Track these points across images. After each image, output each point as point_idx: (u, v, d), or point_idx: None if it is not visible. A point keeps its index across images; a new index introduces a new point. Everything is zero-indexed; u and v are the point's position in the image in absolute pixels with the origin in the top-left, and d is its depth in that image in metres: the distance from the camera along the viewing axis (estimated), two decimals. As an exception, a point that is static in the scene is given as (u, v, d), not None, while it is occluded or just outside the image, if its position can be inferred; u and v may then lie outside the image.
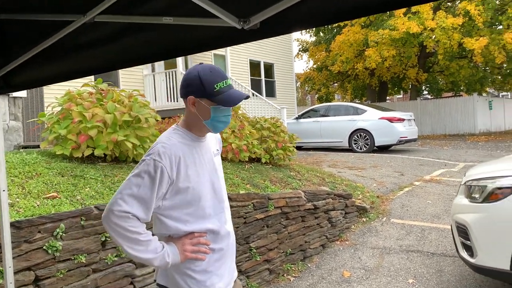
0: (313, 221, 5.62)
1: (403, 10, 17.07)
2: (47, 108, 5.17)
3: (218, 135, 2.04)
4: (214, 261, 1.83)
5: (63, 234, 3.17)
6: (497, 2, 18.50)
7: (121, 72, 12.49)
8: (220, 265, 1.85)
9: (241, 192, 4.91)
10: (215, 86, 1.70)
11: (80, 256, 3.23)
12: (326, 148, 14.09)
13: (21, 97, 5.70)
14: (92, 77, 8.93)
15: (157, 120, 5.22)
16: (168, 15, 1.70)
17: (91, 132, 4.41)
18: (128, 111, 4.72)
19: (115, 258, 3.45)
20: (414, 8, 17.01)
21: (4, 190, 2.44)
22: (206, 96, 1.71)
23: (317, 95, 27.62)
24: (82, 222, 3.31)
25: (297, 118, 14.65)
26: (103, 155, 4.74)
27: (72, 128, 4.53)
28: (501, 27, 18.09)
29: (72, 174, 4.24)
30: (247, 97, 1.76)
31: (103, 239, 3.41)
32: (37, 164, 4.29)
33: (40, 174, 4.07)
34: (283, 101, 18.33)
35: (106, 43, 2.00)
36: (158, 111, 12.25)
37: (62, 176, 4.15)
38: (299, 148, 14.22)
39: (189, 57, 14.61)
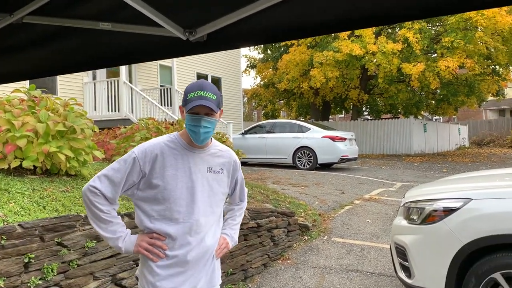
0: (256, 239, 5.52)
1: (348, 33, 17.70)
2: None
3: (235, 159, 2.18)
4: (166, 266, 1.95)
5: (-21, 256, 2.85)
6: (432, 32, 19.72)
7: (60, 79, 11.88)
8: (175, 273, 1.96)
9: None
10: (188, 95, 1.88)
11: (-2, 280, 2.91)
12: (271, 164, 14.15)
13: None
14: (26, 83, 8.38)
15: (94, 131, 4.92)
16: (106, 21, 1.56)
17: (20, 142, 4.06)
18: (63, 121, 4.41)
19: (39, 282, 3.15)
20: (357, 32, 17.70)
21: None
22: (184, 105, 1.94)
23: (263, 111, 27.86)
24: (2, 242, 3.00)
25: (243, 134, 14.63)
26: (32, 167, 4.38)
27: (-2, 137, 4.15)
28: (435, 55, 19.26)
29: (-5, 187, 3.87)
30: (207, 107, 1.85)
31: (26, 260, 3.10)
32: (-46, 176, 3.87)
33: (-43, 186, 3.67)
34: (230, 116, 18.27)
35: (38, 46, 1.82)
36: (98, 121, 11.77)
37: (-17, 190, 3.77)
38: (244, 163, 14.18)
39: (133, 66, 14.21)
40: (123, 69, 11.80)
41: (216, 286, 2.13)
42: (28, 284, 3.08)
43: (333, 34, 19.18)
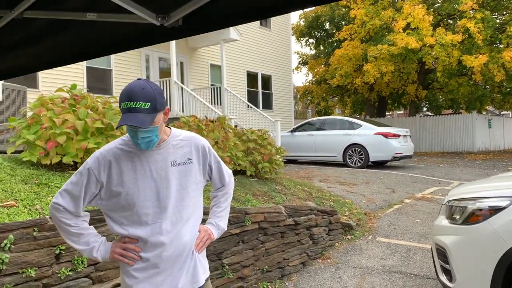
0: (293, 237, 5.41)
1: (403, 25, 16.99)
2: (21, 112, 5.02)
3: (203, 144, 2.05)
4: (142, 269, 1.91)
5: (12, 246, 2.98)
6: (497, 20, 18.44)
7: (115, 79, 12.39)
8: (152, 274, 1.91)
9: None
10: (120, 105, 1.77)
11: (30, 270, 3.04)
12: (320, 162, 13.90)
13: (-4, 101, 5.55)
14: (67, 83, 8.81)
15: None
16: (92, 11, 1.54)
17: (60, 139, 4.25)
18: (101, 118, 4.56)
19: (70, 273, 3.25)
20: (413, 24, 16.94)
21: None
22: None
23: (316, 109, 27.50)
24: (34, 233, 3.12)
25: (292, 131, 14.48)
26: (72, 163, 4.56)
27: (41, 134, 4.36)
28: (501, 45, 17.99)
29: (36, 182, 4.06)
30: (133, 126, 1.73)
31: (57, 251, 3.22)
32: (0, 171, 4.12)
33: (1, 181, 3.89)
34: (280, 113, 18.19)
35: (37, 40, 1.85)
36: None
37: (25, 184, 3.97)
38: (293, 161, 14.05)
39: (185, 67, 14.52)
40: (174, 69, 12.08)
41: (200, 282, 2.02)
42: (59, 275, 3.19)
43: (388, 27, 18.53)
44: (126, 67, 12.67)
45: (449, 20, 20.28)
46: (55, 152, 4.38)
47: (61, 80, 10.32)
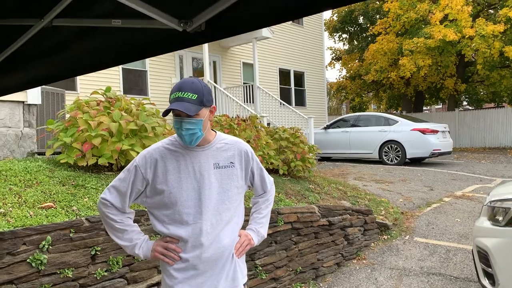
0: (327, 237, 5.33)
1: (440, 17, 16.44)
2: (58, 115, 5.17)
3: (246, 149, 2.08)
4: (182, 269, 1.93)
5: (50, 247, 3.07)
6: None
7: (150, 81, 12.61)
8: (191, 276, 1.93)
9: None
10: (170, 96, 1.86)
11: (67, 270, 3.12)
12: (355, 159, 13.66)
13: (35, 104, 5.74)
14: (104, 85, 8.99)
15: (167, 129, 5.10)
16: (117, 18, 1.54)
17: (95, 141, 4.34)
18: (135, 120, 4.63)
19: (105, 273, 3.32)
20: (451, 16, 16.35)
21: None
22: None
23: (350, 105, 27.07)
24: (71, 235, 3.20)
25: (325, 128, 14.30)
26: (108, 164, 4.66)
27: (77, 136, 4.48)
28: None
29: (73, 183, 4.17)
30: (169, 111, 1.82)
31: (93, 252, 3.29)
32: (39, 173, 4.25)
33: (40, 182, 4.02)
34: (313, 110, 18.01)
35: (64, 48, 1.87)
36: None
37: (63, 185, 4.08)
38: (327, 159, 13.88)
39: (218, 66, 14.61)
40: (207, 68, 12.17)
41: (239, 287, 2.03)
42: (95, 275, 3.26)
43: (424, 20, 17.98)
44: (160, 68, 12.87)
45: (490, 10, 19.47)
46: (91, 154, 4.48)
47: (98, 82, 10.60)
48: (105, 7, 1.59)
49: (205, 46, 11.98)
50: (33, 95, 5.54)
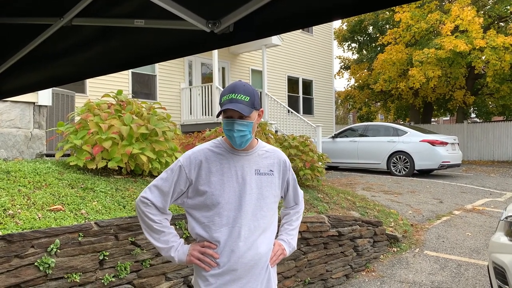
0: (336, 248, 5.24)
1: (451, 28, 16.37)
2: (68, 117, 5.14)
3: (284, 159, 2.11)
4: (218, 275, 1.90)
5: (58, 251, 3.02)
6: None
7: (159, 86, 12.62)
8: (227, 281, 1.90)
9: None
10: (222, 98, 1.86)
11: (74, 275, 3.06)
12: (363, 169, 13.56)
13: (46, 106, 5.73)
14: (113, 88, 8.98)
15: (177, 134, 5.05)
16: (140, 17, 1.50)
17: (106, 144, 4.30)
18: (146, 124, 4.59)
19: (113, 279, 3.26)
20: (462, 27, 16.28)
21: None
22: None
23: (357, 114, 26.96)
24: (79, 239, 3.15)
25: (333, 137, 14.22)
26: (117, 168, 4.61)
27: (88, 139, 4.44)
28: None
29: (82, 186, 4.12)
30: (236, 111, 1.81)
31: (101, 257, 3.23)
32: (48, 175, 4.21)
33: (49, 184, 3.98)
34: (321, 119, 17.94)
35: (84, 48, 1.83)
36: (194, 125, 12.29)
37: (72, 188, 4.04)
38: (334, 168, 13.79)
39: (226, 72, 14.61)
40: (216, 75, 12.15)
41: None
42: (102, 281, 3.20)
43: (434, 31, 17.91)
44: (169, 73, 12.88)
45: (501, 23, 19.37)
46: (101, 157, 4.44)
47: (107, 85, 10.61)
48: (128, 7, 1.55)
49: (215, 52, 11.97)
50: (44, 96, 5.52)
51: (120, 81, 11.53)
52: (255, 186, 1.96)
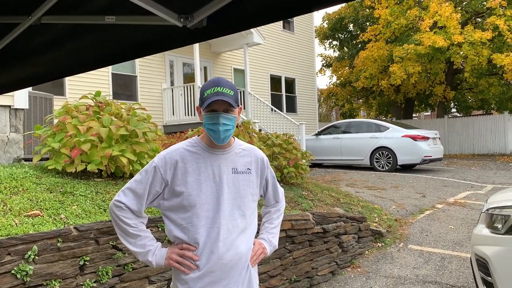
0: (322, 245, 5.24)
1: (430, 24, 16.56)
2: (46, 120, 5.02)
3: (262, 157, 2.06)
4: (198, 277, 1.85)
5: (36, 257, 2.93)
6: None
7: (140, 86, 12.47)
8: (207, 284, 1.85)
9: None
10: (204, 93, 1.80)
11: (54, 282, 2.98)
12: (347, 166, 13.63)
13: (22, 109, 5.58)
14: (93, 90, 8.83)
15: (158, 135, 4.98)
16: (111, 14, 1.44)
17: (84, 146, 4.21)
18: (126, 125, 4.50)
19: (94, 284, 3.19)
20: (440, 23, 16.49)
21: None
22: (200, 104, 1.84)
23: (340, 111, 27.13)
24: (58, 244, 3.07)
25: (317, 135, 14.26)
26: (97, 171, 4.52)
27: (66, 142, 4.34)
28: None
29: (61, 190, 4.03)
30: (225, 101, 1.77)
31: (81, 262, 3.15)
32: (26, 179, 4.10)
33: (27, 189, 3.87)
34: (304, 117, 17.98)
35: (54, 47, 1.77)
36: (177, 125, 12.18)
37: (50, 192, 3.94)
38: (318, 165, 13.83)
39: (209, 71, 14.52)
40: (198, 74, 12.06)
41: None
42: (83, 287, 3.13)
43: (414, 27, 18.11)
44: (150, 73, 12.73)
45: (478, 19, 19.67)
46: (80, 160, 4.35)
47: (87, 87, 10.43)
48: (98, 3, 1.50)
49: (196, 51, 11.89)
50: (20, 99, 5.38)
51: (100, 83, 11.34)
52: (232, 185, 1.91)
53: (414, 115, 27.28)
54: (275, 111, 13.82)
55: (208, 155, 1.90)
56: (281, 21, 17.48)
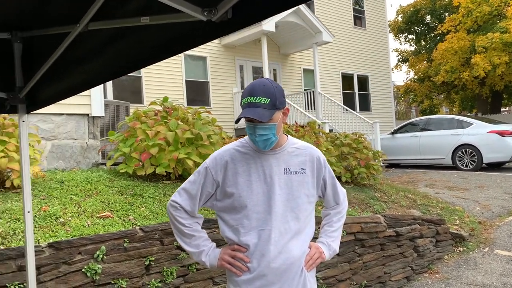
0: (395, 249, 4.95)
1: (517, 10, 15.21)
2: (117, 127, 5.30)
3: (318, 156, 1.97)
4: (249, 280, 1.82)
5: (104, 257, 3.07)
6: None
7: (212, 92, 12.79)
8: (259, 287, 1.81)
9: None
10: (241, 101, 1.80)
11: (121, 281, 3.10)
12: (426, 165, 12.87)
13: (99, 117, 5.96)
14: (170, 96, 9.18)
15: (223, 138, 5.04)
16: (146, 15, 1.45)
17: (153, 150, 4.36)
18: (191, 129, 4.61)
19: (159, 284, 3.27)
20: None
21: (28, 212, 2.37)
22: None
23: (419, 108, 25.78)
24: (125, 245, 3.19)
25: (392, 133, 13.63)
26: (165, 173, 4.67)
27: (136, 146, 4.53)
28: None
29: (131, 192, 4.21)
30: (247, 118, 1.74)
31: (147, 263, 3.25)
32: (99, 183, 4.34)
33: (100, 192, 4.09)
34: (379, 115, 17.32)
35: (100, 53, 1.83)
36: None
37: (121, 195, 4.13)
38: (395, 165, 13.22)
39: (278, 73, 14.53)
40: (266, 77, 12.12)
41: None
42: (149, 286, 3.22)
43: (499, 14, 16.71)
44: (221, 78, 13.02)
45: None
46: (149, 163, 4.51)
47: (163, 94, 10.85)
48: (134, 5, 1.51)
49: (265, 54, 11.95)
50: (97, 108, 5.75)
51: (175, 89, 11.84)
52: (285, 186, 1.84)
53: (503, 109, 25.16)
54: (346, 110, 13.46)
55: (259, 155, 1.86)
56: (352, 18, 17.03)
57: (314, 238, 2.01)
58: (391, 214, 5.17)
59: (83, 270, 2.95)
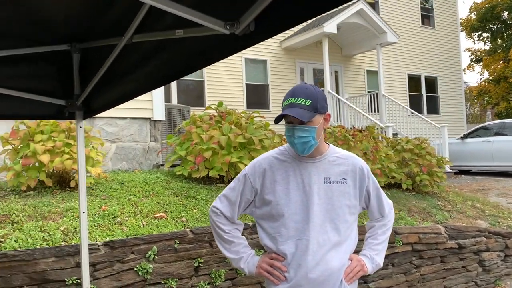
0: (456, 262, 4.67)
1: None
2: (175, 130, 5.48)
3: (361, 165, 1.91)
4: None
5: (156, 257, 3.19)
6: None
7: (272, 95, 12.85)
8: None
9: (363, 223, 4.37)
10: (282, 103, 1.80)
11: (171, 281, 3.20)
12: (500, 173, 12.01)
13: (160, 120, 6.21)
14: (230, 100, 9.33)
15: (275, 142, 5.04)
16: (180, 28, 1.50)
17: (206, 154, 4.47)
18: (244, 133, 4.66)
19: (208, 286, 3.34)
20: None
21: (84, 212, 2.52)
22: None
23: (494, 110, 24.12)
24: (175, 246, 3.30)
25: (462, 138, 12.87)
26: (218, 176, 4.76)
27: (191, 149, 4.67)
28: None
29: (185, 194, 4.33)
30: (283, 116, 1.74)
31: (196, 264, 3.33)
32: (157, 184, 4.52)
33: (156, 193, 4.26)
34: (448, 118, 16.44)
35: (145, 63, 1.92)
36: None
37: (176, 196, 4.27)
38: (465, 172, 12.47)
39: (340, 75, 14.27)
40: (327, 79, 11.94)
41: None
42: (197, 287, 3.29)
43: None
44: (281, 81, 13.04)
45: None
46: (203, 166, 4.63)
47: (224, 98, 11.13)
48: (170, 19, 1.56)
49: (326, 56, 11.79)
50: (158, 112, 6.01)
51: (236, 93, 12.05)
52: (324, 196, 1.80)
53: None
54: (412, 113, 12.91)
55: (298, 163, 1.83)
56: (420, 17, 16.33)
57: (357, 251, 1.96)
58: (453, 225, 4.89)
59: (135, 269, 3.09)
